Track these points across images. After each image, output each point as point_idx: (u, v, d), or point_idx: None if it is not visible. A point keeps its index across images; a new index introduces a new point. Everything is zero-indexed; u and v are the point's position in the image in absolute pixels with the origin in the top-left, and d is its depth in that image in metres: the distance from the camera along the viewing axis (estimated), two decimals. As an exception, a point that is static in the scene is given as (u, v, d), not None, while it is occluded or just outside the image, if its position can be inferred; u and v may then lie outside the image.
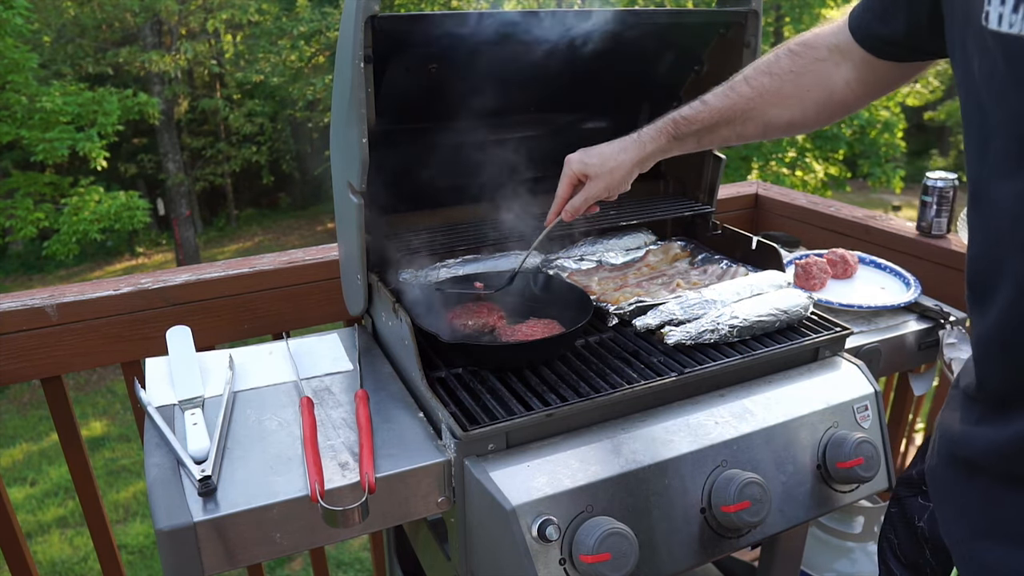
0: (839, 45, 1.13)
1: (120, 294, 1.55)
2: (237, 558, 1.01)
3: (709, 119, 1.24)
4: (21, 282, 13.05)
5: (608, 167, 1.28)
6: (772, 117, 1.21)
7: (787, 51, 1.19)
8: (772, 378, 1.33)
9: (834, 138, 10.05)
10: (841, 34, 1.13)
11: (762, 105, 1.20)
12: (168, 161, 13.73)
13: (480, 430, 1.07)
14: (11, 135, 8.95)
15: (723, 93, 1.23)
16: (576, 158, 1.32)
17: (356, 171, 1.25)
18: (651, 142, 1.27)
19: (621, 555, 1.00)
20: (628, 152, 1.28)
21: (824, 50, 1.15)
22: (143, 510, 5.96)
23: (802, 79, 1.17)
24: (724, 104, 1.22)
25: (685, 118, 1.25)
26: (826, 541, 1.94)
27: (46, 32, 12.34)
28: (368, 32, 1.17)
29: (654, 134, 1.27)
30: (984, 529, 0.85)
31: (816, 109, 1.19)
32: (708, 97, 1.25)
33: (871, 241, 2.01)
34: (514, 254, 1.68)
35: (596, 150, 1.31)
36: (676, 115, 1.26)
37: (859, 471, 1.21)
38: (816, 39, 1.17)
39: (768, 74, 1.19)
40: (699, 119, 1.24)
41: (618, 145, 1.29)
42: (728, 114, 1.23)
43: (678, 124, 1.25)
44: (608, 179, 1.30)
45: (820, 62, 1.15)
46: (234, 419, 1.22)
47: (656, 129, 1.27)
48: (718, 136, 1.27)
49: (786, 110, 1.20)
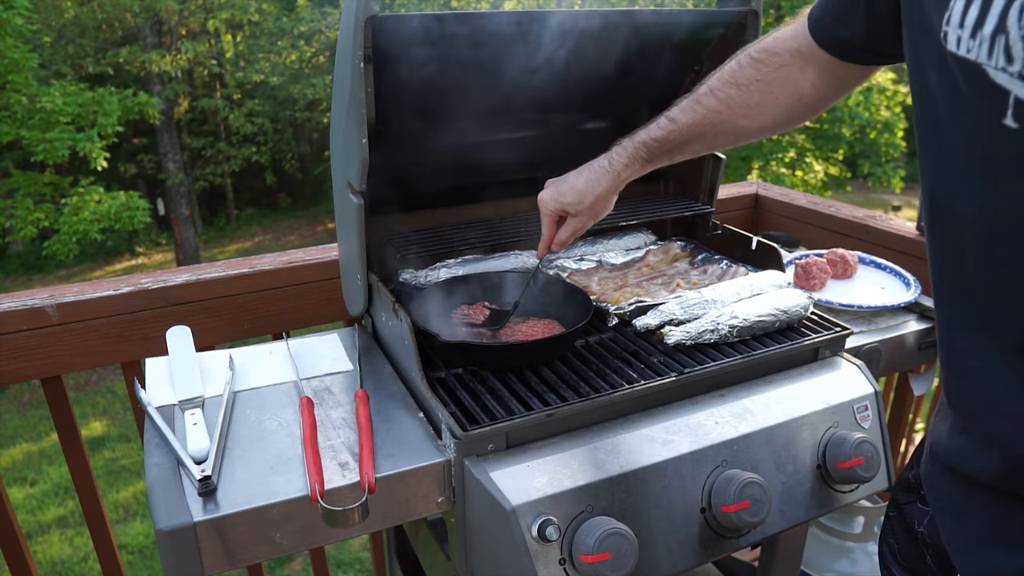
0: (800, 49, 1.12)
1: (120, 294, 1.55)
2: (237, 558, 1.01)
3: (680, 137, 1.22)
4: (21, 282, 13.05)
5: (587, 202, 1.26)
6: (743, 127, 1.20)
7: (749, 59, 1.18)
8: (772, 378, 1.33)
9: (834, 138, 10.05)
10: (801, 37, 1.11)
11: (731, 117, 1.19)
12: (168, 161, 13.73)
13: (480, 430, 1.07)
14: (11, 135, 8.95)
15: (690, 108, 1.21)
16: (549, 197, 1.29)
17: (356, 171, 1.25)
18: (624, 169, 1.25)
19: (621, 555, 1.00)
20: (602, 183, 1.25)
21: (787, 55, 1.14)
22: (143, 510, 5.97)
23: (769, 87, 1.16)
24: (693, 120, 1.21)
25: (655, 140, 1.23)
26: (826, 541, 1.94)
27: (46, 32, 12.35)
28: (368, 32, 1.17)
29: (626, 160, 1.25)
30: (986, 538, 0.84)
31: (786, 114, 1.18)
32: (675, 114, 1.22)
33: (871, 241, 2.01)
34: (513, 254, 1.68)
35: (567, 186, 1.28)
36: (646, 137, 1.24)
37: (859, 471, 1.21)
38: (777, 44, 1.15)
39: (735, 85, 1.18)
40: (670, 139, 1.22)
41: (590, 176, 1.26)
42: (698, 129, 1.21)
43: (649, 147, 1.24)
44: (589, 213, 1.28)
45: (785, 67, 1.14)
46: (234, 419, 1.22)
47: (628, 154, 1.25)
48: (690, 151, 1.26)
49: (756, 119, 1.19)
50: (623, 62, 1.58)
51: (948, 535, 0.92)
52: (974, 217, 0.76)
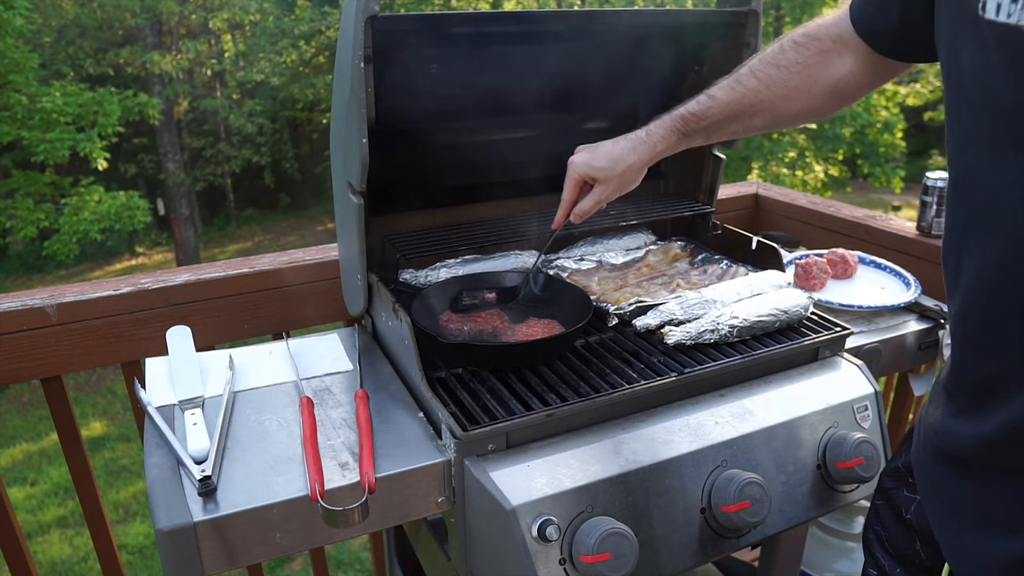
0: (842, 35, 1.13)
1: (120, 294, 1.55)
2: (237, 558, 1.01)
3: (718, 114, 1.22)
4: (21, 282, 13.05)
5: (618, 170, 1.25)
6: (781, 109, 1.20)
7: (791, 42, 1.18)
8: (772, 378, 1.33)
9: (834, 138, 10.06)
10: (843, 23, 1.12)
11: (770, 97, 1.19)
12: (168, 161, 13.73)
13: (480, 430, 1.07)
14: (12, 135, 8.95)
15: (730, 87, 1.21)
16: (581, 160, 1.28)
17: (356, 171, 1.25)
18: (661, 141, 1.24)
19: (621, 555, 1.00)
20: (638, 152, 1.24)
21: (828, 41, 1.14)
22: (143, 510, 5.97)
23: (809, 70, 1.16)
24: (732, 98, 1.21)
25: (694, 114, 1.23)
26: (826, 541, 1.93)
27: (46, 32, 12.34)
28: (368, 32, 1.17)
29: (663, 132, 1.24)
30: (977, 522, 0.85)
31: (823, 99, 1.18)
32: (715, 91, 1.23)
33: (871, 241, 2.00)
34: (514, 254, 1.68)
35: (602, 151, 1.27)
36: (684, 111, 1.23)
37: (859, 471, 1.21)
38: (819, 30, 1.16)
39: (775, 66, 1.18)
40: (708, 115, 1.22)
41: (626, 145, 1.25)
42: (736, 108, 1.21)
43: (687, 121, 1.23)
44: (619, 182, 1.26)
45: (825, 53, 1.15)
46: (234, 419, 1.22)
47: (665, 127, 1.24)
48: (726, 131, 1.25)
49: (794, 101, 1.19)
50: (623, 62, 1.58)
51: (938, 521, 0.92)
52: (1001, 189, 0.76)
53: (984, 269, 0.80)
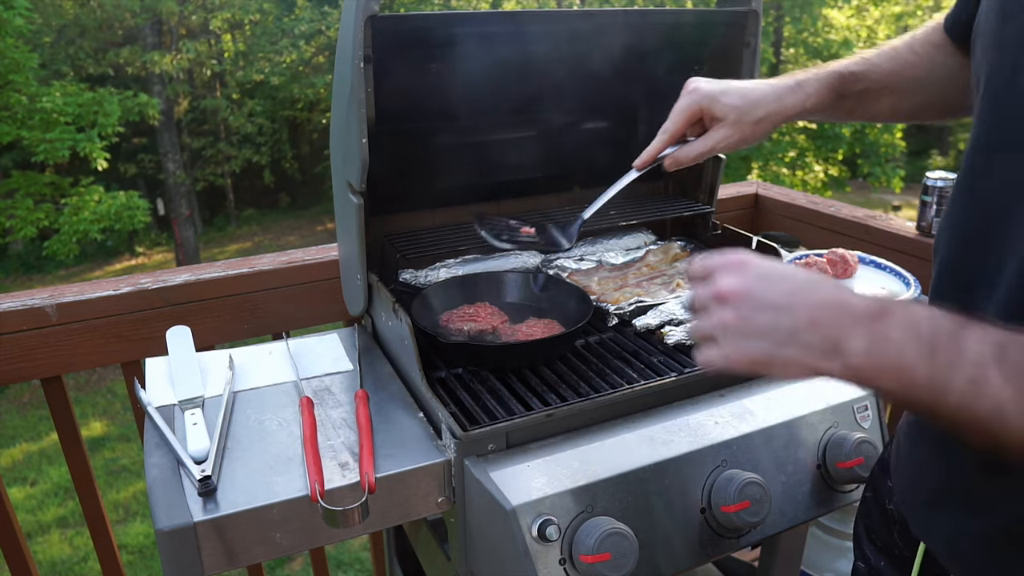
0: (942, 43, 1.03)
1: (120, 294, 1.55)
2: (237, 558, 1.01)
3: (878, 80, 1.05)
4: (21, 282, 13.05)
5: (755, 116, 1.03)
6: (932, 93, 1.06)
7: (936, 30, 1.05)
8: (772, 378, 1.33)
9: (834, 138, 10.06)
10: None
11: (928, 77, 1.03)
12: (168, 161, 13.74)
13: (480, 430, 1.07)
14: (12, 135, 8.95)
15: (889, 55, 1.05)
16: (708, 89, 1.04)
17: (356, 171, 1.25)
18: (814, 96, 1.04)
19: (621, 555, 1.00)
20: (783, 102, 1.03)
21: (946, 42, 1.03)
22: (143, 510, 5.97)
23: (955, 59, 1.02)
24: (893, 67, 1.05)
25: (853, 73, 1.05)
26: (826, 541, 1.93)
27: (46, 32, 12.34)
28: (368, 32, 1.17)
29: (817, 86, 1.04)
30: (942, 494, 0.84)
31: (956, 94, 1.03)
32: (871, 56, 1.07)
33: (871, 241, 2.00)
34: (514, 254, 1.68)
35: (738, 87, 1.04)
36: (842, 69, 1.05)
37: (859, 471, 1.21)
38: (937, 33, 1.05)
39: (932, 45, 1.03)
40: (868, 77, 1.05)
41: (769, 89, 1.04)
42: (896, 80, 1.05)
43: (845, 80, 1.05)
44: (748, 132, 1.04)
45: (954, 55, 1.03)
46: (234, 419, 1.22)
47: (818, 81, 1.05)
48: (877, 107, 1.08)
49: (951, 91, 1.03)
50: (623, 62, 1.58)
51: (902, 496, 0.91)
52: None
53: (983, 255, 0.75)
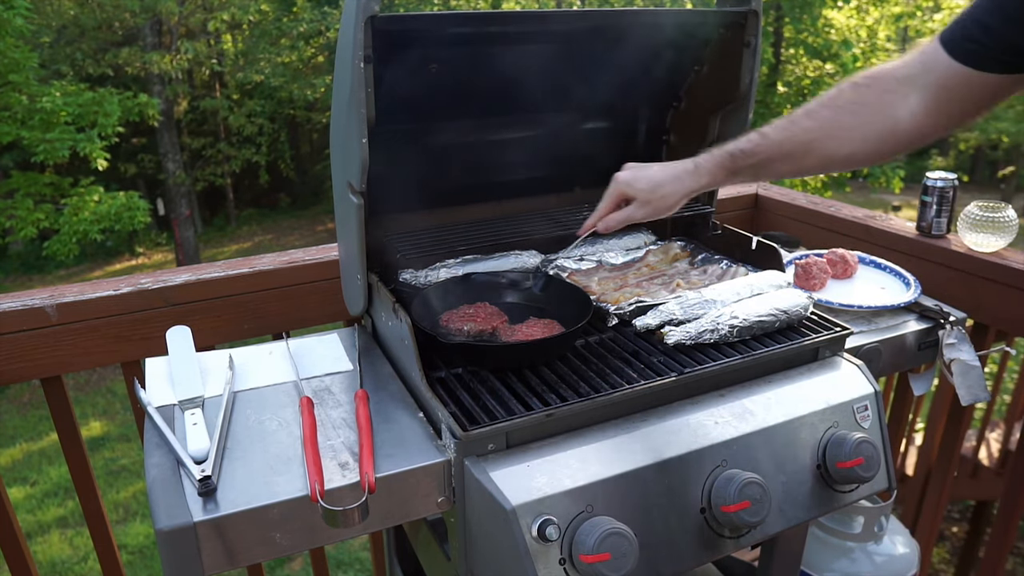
0: (910, 75, 1.11)
1: (120, 294, 1.55)
2: (237, 558, 1.01)
3: (768, 152, 1.21)
4: (21, 282, 13.06)
5: (658, 194, 1.26)
6: (832, 151, 1.19)
7: (851, 84, 1.17)
8: (772, 378, 1.33)
9: (834, 138, 10.04)
10: (913, 64, 1.11)
11: (823, 138, 1.18)
12: (168, 161, 13.73)
13: (480, 430, 1.07)
14: (11, 135, 8.94)
15: (782, 126, 1.21)
16: (624, 178, 1.30)
17: (356, 171, 1.25)
18: (707, 175, 1.24)
19: (621, 555, 1.00)
20: (682, 183, 1.25)
21: (893, 82, 1.13)
22: (143, 510, 5.97)
23: (866, 108, 1.14)
24: (783, 137, 1.20)
25: (743, 151, 1.22)
26: (826, 541, 1.93)
27: (46, 32, 12.34)
28: (368, 32, 1.16)
29: (711, 167, 1.24)
30: None
31: (878, 141, 1.16)
32: (767, 130, 1.22)
33: (871, 241, 2.01)
34: (514, 254, 1.68)
35: (646, 174, 1.27)
36: (734, 148, 1.23)
37: (859, 471, 1.21)
38: (883, 71, 1.15)
39: (830, 107, 1.17)
40: (758, 152, 1.21)
41: (671, 173, 1.26)
42: (788, 147, 1.20)
43: (735, 158, 1.23)
44: (657, 206, 1.27)
45: (887, 93, 1.13)
46: (234, 419, 1.22)
47: (714, 162, 1.24)
48: (775, 171, 1.24)
49: (846, 143, 1.17)
50: (623, 62, 1.58)
51: None
52: None
53: None
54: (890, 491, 1.37)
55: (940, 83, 1.09)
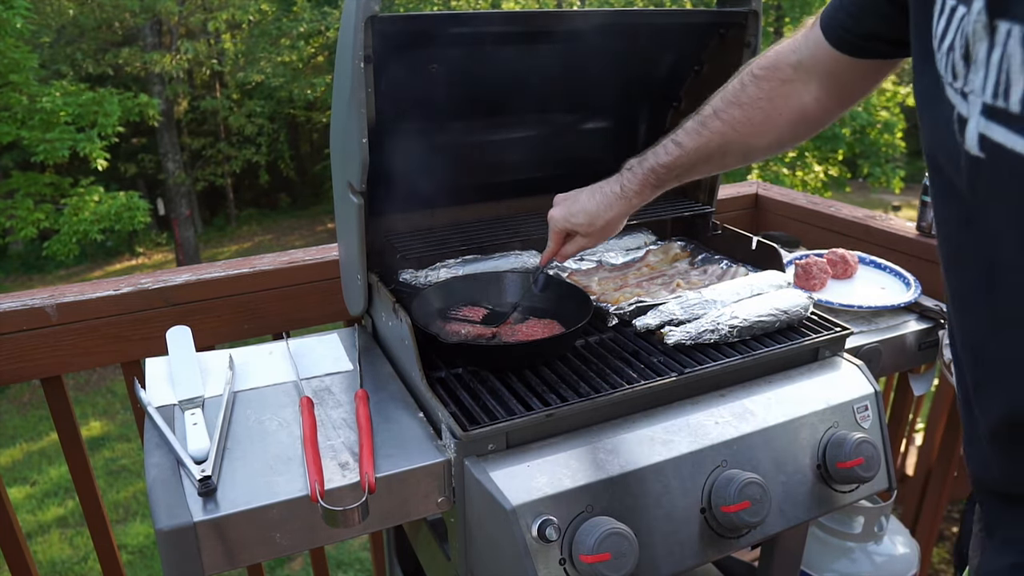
0: (802, 61, 1.11)
1: (120, 294, 1.55)
2: (237, 558, 1.01)
3: (687, 161, 1.22)
4: (21, 282, 13.06)
5: (598, 225, 1.28)
6: (751, 145, 1.20)
7: (752, 76, 1.17)
8: (772, 378, 1.33)
9: (834, 138, 10.05)
10: (802, 49, 1.10)
11: (736, 137, 1.19)
12: (168, 161, 13.73)
13: (480, 430, 1.07)
14: (11, 135, 8.94)
15: (695, 131, 1.21)
16: (559, 216, 1.31)
17: (356, 171, 1.25)
18: (635, 196, 1.26)
19: (621, 555, 1.00)
20: (615, 209, 1.27)
21: (789, 70, 1.13)
22: (143, 510, 5.97)
23: (773, 104, 1.15)
24: (699, 144, 1.21)
25: (663, 166, 1.23)
26: (826, 541, 1.93)
27: (46, 32, 12.33)
28: (368, 32, 1.17)
29: (636, 188, 1.26)
30: None
31: (792, 130, 1.17)
32: (681, 138, 1.22)
33: (871, 241, 2.01)
34: (514, 254, 1.68)
35: (579, 207, 1.29)
36: (654, 163, 1.24)
37: (859, 471, 1.21)
38: (778, 59, 1.14)
39: (737, 105, 1.17)
40: (678, 165, 1.23)
41: (602, 201, 1.27)
42: (705, 152, 1.21)
43: (658, 174, 1.24)
44: (600, 235, 1.30)
45: (787, 83, 1.13)
46: (234, 419, 1.22)
47: (638, 182, 1.25)
48: (699, 172, 1.26)
49: (762, 137, 1.18)
50: (623, 62, 1.58)
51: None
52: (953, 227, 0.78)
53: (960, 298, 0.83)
54: (890, 491, 1.37)
55: (828, 71, 1.09)
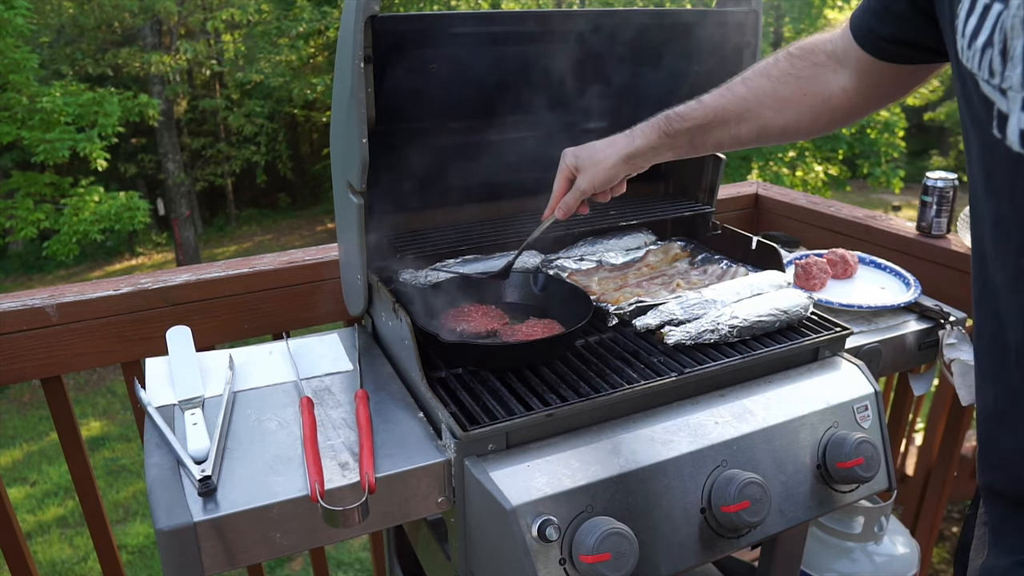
0: (836, 51, 1.12)
1: (120, 294, 1.55)
2: (237, 558, 1.01)
3: (703, 117, 1.22)
4: (21, 282, 13.05)
5: (595, 159, 1.27)
6: (767, 120, 1.20)
7: (786, 54, 1.19)
8: (772, 378, 1.33)
9: (834, 138, 10.06)
10: (840, 40, 1.12)
11: (757, 107, 1.19)
12: (168, 161, 13.73)
13: (480, 430, 1.07)
14: (12, 135, 8.95)
15: (719, 93, 1.22)
16: (570, 151, 1.32)
17: (356, 171, 1.25)
18: (640, 137, 1.25)
19: (621, 555, 1.00)
20: (616, 145, 1.26)
21: (823, 55, 1.14)
22: (143, 510, 5.96)
23: (800, 82, 1.16)
24: (719, 103, 1.21)
25: (678, 114, 1.23)
26: (826, 541, 1.93)
27: (46, 32, 12.33)
28: (368, 32, 1.17)
29: (645, 130, 1.26)
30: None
31: (812, 115, 1.18)
32: (704, 97, 1.24)
33: (871, 241, 2.01)
34: (514, 254, 1.67)
35: (589, 144, 1.30)
36: (669, 111, 1.24)
37: (859, 471, 1.21)
38: (816, 44, 1.16)
39: (765, 76, 1.19)
40: (692, 116, 1.22)
41: (608, 139, 1.29)
42: (722, 114, 1.21)
43: (670, 120, 1.24)
44: (593, 171, 1.27)
45: (818, 67, 1.15)
46: (234, 419, 1.22)
47: (648, 125, 1.26)
48: (712, 137, 1.25)
49: (781, 113, 1.19)
50: (623, 62, 1.58)
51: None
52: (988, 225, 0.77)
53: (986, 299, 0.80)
54: (890, 491, 1.37)
55: (859, 67, 1.10)
